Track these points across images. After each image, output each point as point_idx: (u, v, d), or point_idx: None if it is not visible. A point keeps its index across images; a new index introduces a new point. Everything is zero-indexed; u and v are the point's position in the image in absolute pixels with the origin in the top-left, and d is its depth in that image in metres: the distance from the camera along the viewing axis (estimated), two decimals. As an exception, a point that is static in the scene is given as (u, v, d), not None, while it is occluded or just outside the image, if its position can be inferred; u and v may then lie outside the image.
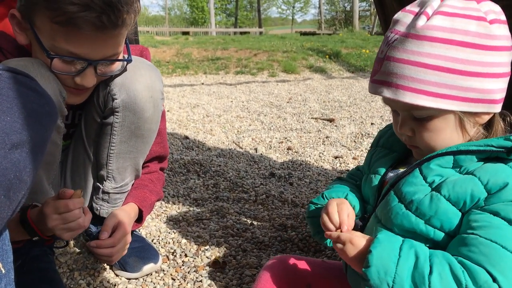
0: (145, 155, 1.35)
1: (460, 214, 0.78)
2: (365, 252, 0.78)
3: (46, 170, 1.18)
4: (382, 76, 0.83)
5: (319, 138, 3.22)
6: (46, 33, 1.03)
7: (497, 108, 0.82)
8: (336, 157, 2.73)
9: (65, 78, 1.10)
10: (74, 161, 1.35)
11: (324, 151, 2.87)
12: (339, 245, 0.83)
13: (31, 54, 1.12)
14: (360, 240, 0.82)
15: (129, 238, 1.27)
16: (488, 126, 0.86)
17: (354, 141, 3.13)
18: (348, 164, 2.61)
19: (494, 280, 0.68)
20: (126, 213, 1.29)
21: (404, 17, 0.83)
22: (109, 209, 1.33)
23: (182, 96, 5.34)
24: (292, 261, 1.11)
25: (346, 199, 0.97)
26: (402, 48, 0.80)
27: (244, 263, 1.44)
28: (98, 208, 1.33)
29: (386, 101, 0.86)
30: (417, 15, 0.80)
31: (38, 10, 1.02)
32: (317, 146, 3.00)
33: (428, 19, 0.78)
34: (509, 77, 0.83)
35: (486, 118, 0.84)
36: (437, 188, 0.80)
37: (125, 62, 1.17)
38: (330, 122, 3.80)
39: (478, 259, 0.70)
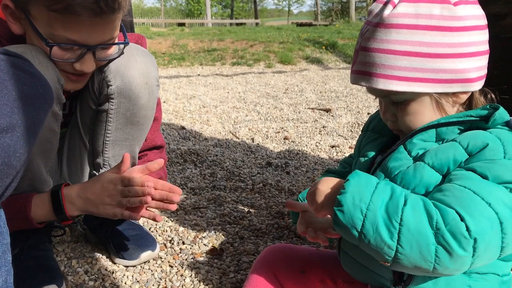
0: (141, 143, 1.35)
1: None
2: (339, 188, 0.77)
3: (44, 158, 1.18)
4: (358, 66, 0.86)
5: (315, 128, 3.23)
6: (43, 21, 1.02)
7: (475, 87, 0.83)
8: (332, 147, 2.74)
9: (64, 64, 1.10)
10: (70, 149, 1.35)
11: (320, 140, 2.88)
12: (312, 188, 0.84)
13: (26, 42, 1.12)
14: (331, 179, 0.83)
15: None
16: (469, 104, 0.88)
17: (351, 131, 3.14)
18: (344, 153, 2.61)
19: (462, 219, 0.69)
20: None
21: (375, 7, 0.85)
22: None
23: (178, 87, 5.33)
24: (287, 249, 1.12)
25: None
26: (372, 38, 0.83)
27: (242, 250, 1.45)
28: None
29: (367, 90, 0.88)
30: (385, 5, 0.82)
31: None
32: (313, 136, 3.01)
33: (394, 8, 0.81)
34: (486, 55, 0.84)
35: (465, 97, 0.85)
36: (420, 158, 0.82)
37: (122, 45, 1.17)
38: (327, 112, 3.80)
39: (449, 201, 0.71)
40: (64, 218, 1.14)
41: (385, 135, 0.98)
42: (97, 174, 1.32)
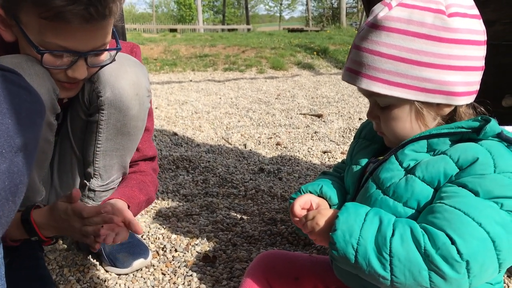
0: (132, 153, 1.35)
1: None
2: (333, 222, 0.81)
3: (38, 168, 1.17)
4: (349, 63, 0.88)
5: (307, 133, 3.24)
6: (34, 28, 1.02)
7: (459, 101, 0.82)
8: (324, 152, 2.75)
9: (57, 72, 1.09)
10: (61, 159, 1.34)
11: (312, 146, 2.89)
12: (309, 223, 0.86)
13: (19, 49, 1.11)
14: (327, 210, 0.86)
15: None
16: (451, 119, 0.87)
17: (343, 136, 3.16)
18: (336, 158, 2.62)
19: (453, 242, 0.70)
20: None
21: (377, 8, 0.85)
22: None
23: (170, 93, 5.32)
24: (280, 255, 1.12)
25: (322, 190, 1.00)
26: (365, 37, 0.84)
27: (234, 257, 1.45)
28: None
29: (357, 88, 0.88)
30: (385, 6, 0.83)
31: (23, 6, 1.00)
32: (305, 142, 3.02)
33: (389, 10, 0.81)
34: (479, 71, 0.83)
35: (447, 110, 0.85)
36: (411, 171, 0.82)
37: (114, 51, 1.17)
38: (319, 117, 3.82)
39: (441, 224, 0.72)
40: (41, 241, 1.12)
41: (377, 142, 0.98)
42: (87, 183, 1.31)
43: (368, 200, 0.86)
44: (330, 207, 1.00)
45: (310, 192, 1.00)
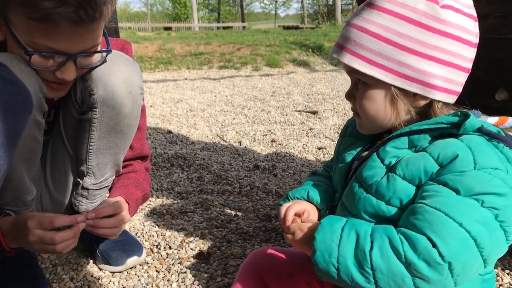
0: (126, 151, 1.34)
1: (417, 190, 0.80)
2: (312, 237, 0.81)
3: (27, 167, 1.16)
4: (338, 39, 0.88)
5: (302, 130, 3.24)
6: (23, 29, 1.00)
7: (435, 95, 0.82)
8: (319, 148, 2.75)
9: (45, 72, 1.08)
10: (53, 157, 1.33)
11: (307, 142, 2.89)
12: (289, 236, 0.88)
13: (7, 49, 1.10)
14: (305, 225, 0.87)
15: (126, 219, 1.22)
16: (425, 115, 0.86)
17: (337, 133, 3.16)
18: (331, 155, 2.62)
19: (434, 245, 0.70)
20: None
21: None
22: (87, 205, 1.31)
23: (165, 91, 5.31)
24: (274, 252, 1.12)
25: (308, 196, 1.01)
26: (358, 15, 0.85)
27: (229, 254, 1.45)
28: (77, 204, 1.31)
29: (343, 66, 0.89)
30: None
31: (12, 7, 0.99)
32: (300, 138, 3.02)
33: None
34: (464, 72, 0.83)
35: (422, 103, 0.84)
36: (392, 169, 0.82)
37: (105, 53, 1.15)
38: (314, 114, 3.82)
39: (421, 226, 0.72)
40: (3, 250, 1.08)
41: (362, 139, 0.98)
42: (81, 182, 1.30)
43: (352, 198, 0.86)
44: (319, 211, 1.01)
45: (298, 199, 1.01)
